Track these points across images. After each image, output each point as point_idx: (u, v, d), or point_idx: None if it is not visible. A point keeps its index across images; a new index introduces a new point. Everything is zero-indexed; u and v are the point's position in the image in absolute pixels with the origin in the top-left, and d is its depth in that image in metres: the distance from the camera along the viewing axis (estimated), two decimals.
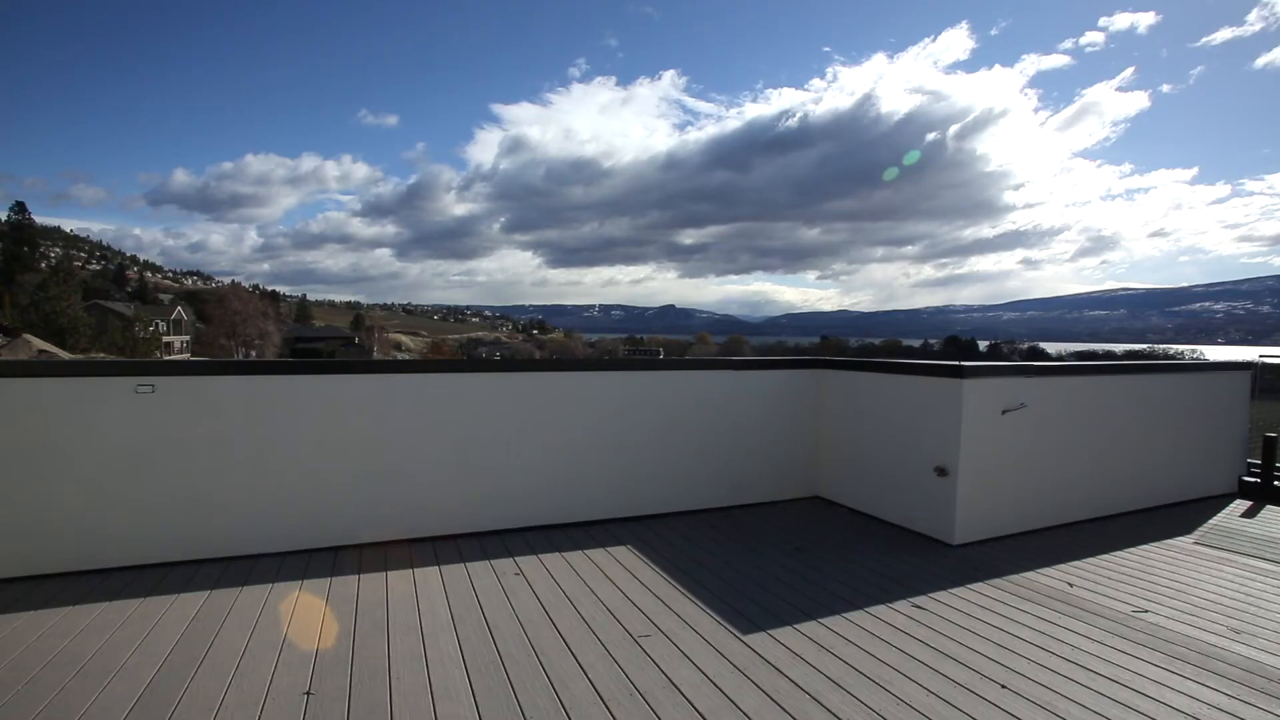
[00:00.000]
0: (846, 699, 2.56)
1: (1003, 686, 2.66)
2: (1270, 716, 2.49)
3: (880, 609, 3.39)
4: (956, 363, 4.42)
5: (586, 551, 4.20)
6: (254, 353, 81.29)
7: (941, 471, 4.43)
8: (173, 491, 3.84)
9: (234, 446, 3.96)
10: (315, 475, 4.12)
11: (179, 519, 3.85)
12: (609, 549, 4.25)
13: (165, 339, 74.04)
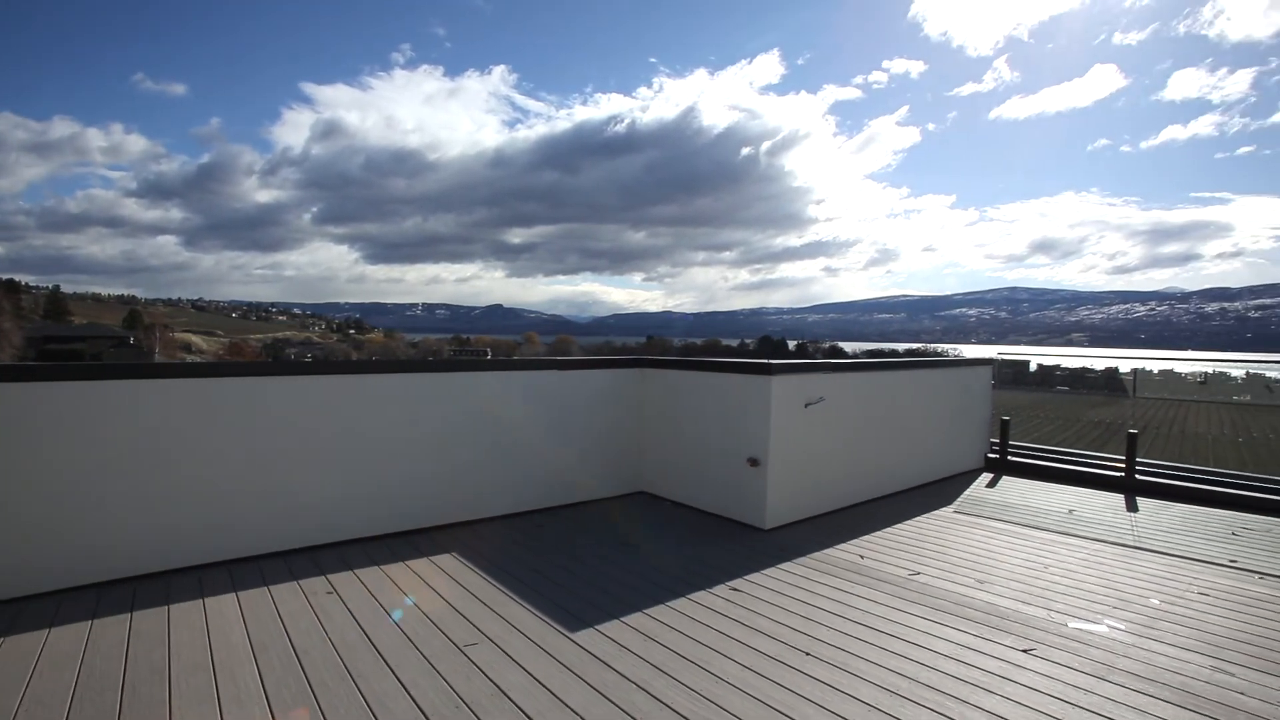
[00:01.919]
0: (670, 683, 2.68)
1: (806, 654, 2.95)
2: (1000, 647, 3.01)
3: (701, 594, 3.60)
4: (765, 361, 4.82)
5: (408, 562, 3.99)
6: None
7: (754, 462, 4.81)
8: None
9: None
10: (73, 500, 3.48)
11: None
12: (432, 558, 4.07)
13: None
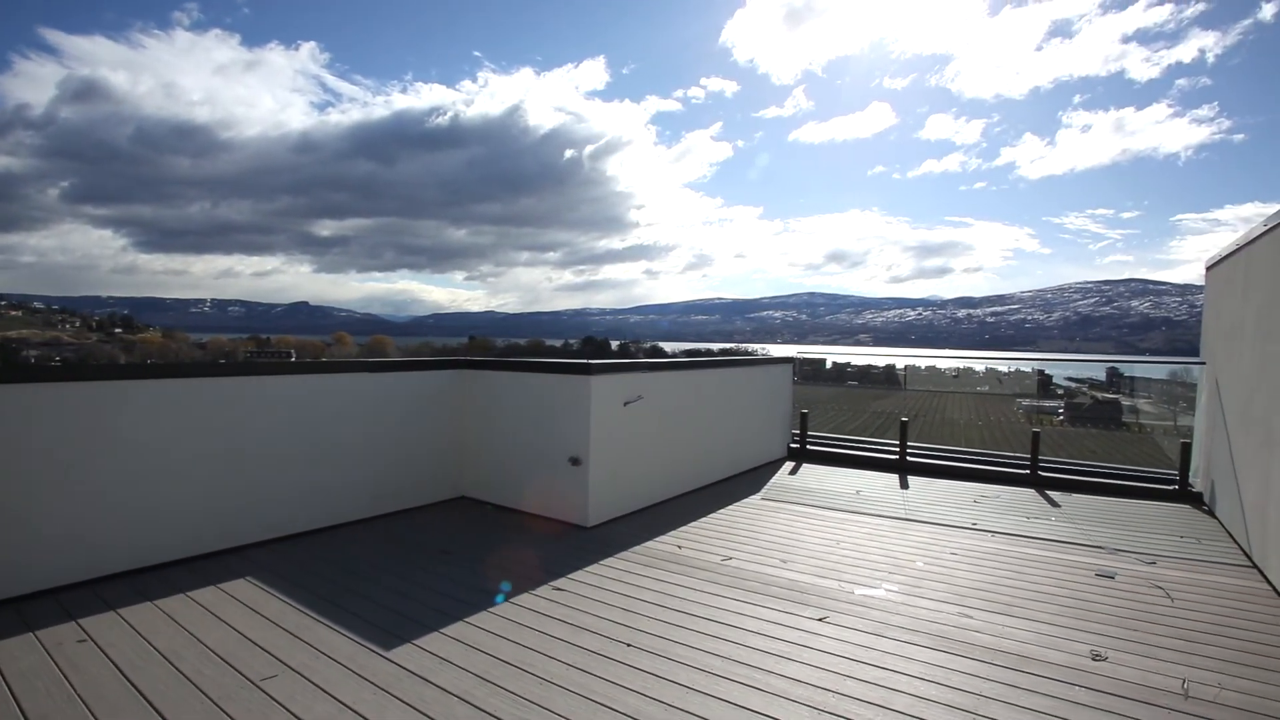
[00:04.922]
0: (493, 690, 2.62)
1: (629, 645, 3.04)
2: (800, 619, 3.34)
3: (524, 597, 3.57)
4: (585, 361, 4.89)
5: (190, 594, 3.49)
6: None
7: (575, 461, 4.86)
8: None
9: None
10: None
11: None
12: (221, 586, 3.61)
13: None
